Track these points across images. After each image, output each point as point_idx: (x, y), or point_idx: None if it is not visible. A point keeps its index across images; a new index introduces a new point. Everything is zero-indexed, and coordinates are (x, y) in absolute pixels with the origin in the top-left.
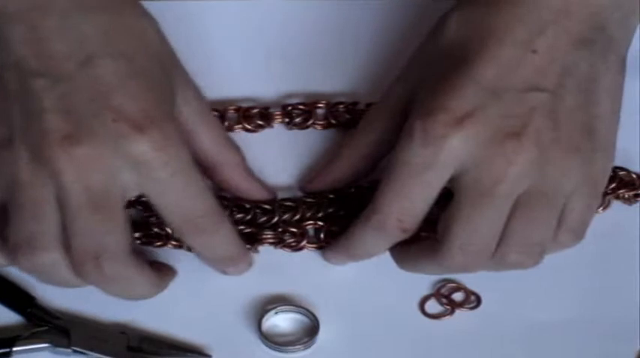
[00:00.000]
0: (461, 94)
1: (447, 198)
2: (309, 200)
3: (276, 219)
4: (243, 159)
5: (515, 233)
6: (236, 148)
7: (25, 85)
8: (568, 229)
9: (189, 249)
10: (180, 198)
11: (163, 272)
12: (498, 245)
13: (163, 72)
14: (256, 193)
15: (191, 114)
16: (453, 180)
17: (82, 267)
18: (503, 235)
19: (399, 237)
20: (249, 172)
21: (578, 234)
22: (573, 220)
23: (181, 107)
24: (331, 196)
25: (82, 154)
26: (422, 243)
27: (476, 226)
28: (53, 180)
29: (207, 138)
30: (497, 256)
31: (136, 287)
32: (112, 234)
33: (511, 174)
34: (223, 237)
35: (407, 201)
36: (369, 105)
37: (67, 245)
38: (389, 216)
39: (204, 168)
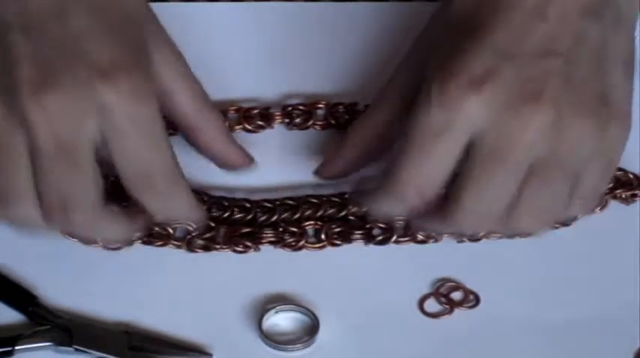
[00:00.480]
0: (475, 58)
1: None
2: (311, 200)
3: (275, 217)
4: (223, 122)
5: (527, 200)
6: (217, 111)
7: (1, 38)
8: (580, 198)
9: (190, 250)
10: (139, 150)
11: (134, 214)
12: (510, 210)
13: (139, 30)
14: (235, 158)
15: (170, 74)
16: (469, 144)
17: (50, 216)
18: (515, 200)
19: (417, 203)
20: (229, 136)
21: (590, 204)
22: (586, 189)
23: (159, 66)
24: (334, 199)
25: (52, 102)
26: (433, 203)
27: (486, 191)
28: (24, 129)
29: (186, 99)
30: (508, 221)
31: (106, 234)
32: (80, 185)
33: (526, 139)
34: (178, 197)
35: (425, 166)
36: (368, 106)
37: (39, 196)
38: (408, 183)
39: (185, 131)
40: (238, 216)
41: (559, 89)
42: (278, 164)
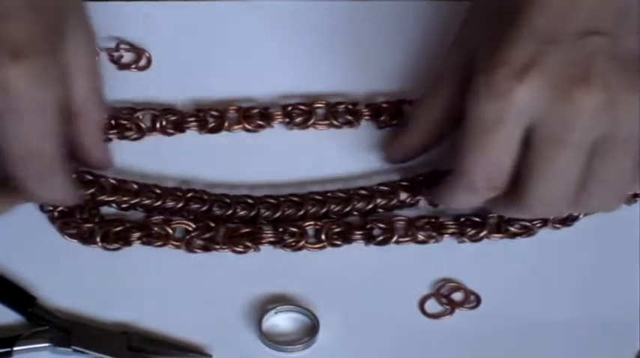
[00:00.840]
0: (517, 46)
1: None
2: (315, 197)
3: (279, 213)
4: (104, 119)
5: (594, 178)
6: (104, 109)
7: None
8: None
9: (190, 250)
10: (29, 133)
11: (9, 191)
12: (579, 190)
13: (62, 13)
14: (97, 154)
15: (77, 61)
16: (528, 131)
17: None
18: (582, 181)
19: (491, 195)
20: (101, 135)
21: None
22: None
23: (70, 51)
24: (340, 194)
25: None
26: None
27: (552, 177)
28: None
29: (82, 88)
30: (579, 201)
31: None
32: None
33: (581, 121)
34: (55, 182)
35: (488, 158)
36: (368, 105)
37: None
38: (475, 176)
39: (66, 113)
40: (241, 213)
41: (606, 67)
42: (278, 164)
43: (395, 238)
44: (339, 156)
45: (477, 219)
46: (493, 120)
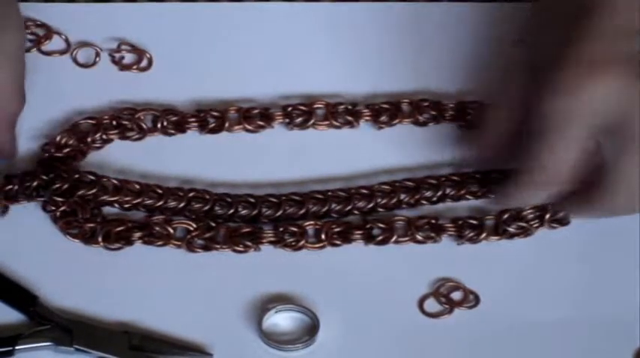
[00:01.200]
0: (588, 44)
1: None
2: (317, 196)
3: (280, 212)
4: (18, 112)
5: None
6: (22, 102)
7: None
8: None
9: (190, 250)
10: None
11: None
12: None
13: None
14: (7, 146)
15: (1, 46)
16: (602, 128)
17: None
18: None
19: (558, 189)
20: (13, 126)
21: None
22: None
23: None
24: (341, 193)
25: None
26: (583, 191)
27: (632, 173)
28: None
29: (3, 76)
30: None
31: None
32: None
33: None
34: None
35: (556, 154)
36: (368, 105)
37: None
38: (542, 170)
39: None
40: (243, 212)
41: None
42: (278, 164)
43: (394, 238)
44: (339, 156)
45: (475, 222)
46: (562, 118)
